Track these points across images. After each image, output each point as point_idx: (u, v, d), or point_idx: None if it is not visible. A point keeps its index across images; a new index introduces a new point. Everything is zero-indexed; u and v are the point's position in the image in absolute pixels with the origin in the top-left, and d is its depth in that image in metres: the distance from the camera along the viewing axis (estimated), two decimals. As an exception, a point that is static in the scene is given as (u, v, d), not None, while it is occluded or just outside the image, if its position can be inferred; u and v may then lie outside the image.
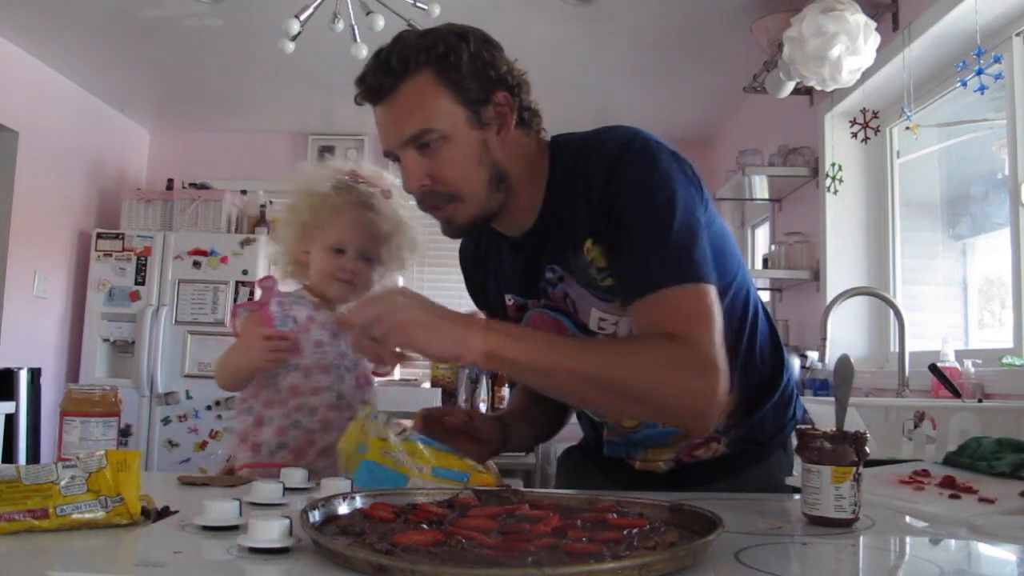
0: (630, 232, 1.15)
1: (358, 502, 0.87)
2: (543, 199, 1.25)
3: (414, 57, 1.17)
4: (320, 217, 1.50)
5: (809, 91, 3.34)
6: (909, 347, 2.51)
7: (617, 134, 1.21)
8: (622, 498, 0.91)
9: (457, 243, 1.50)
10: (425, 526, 0.78)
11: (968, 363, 2.27)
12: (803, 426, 1.01)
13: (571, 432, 1.65)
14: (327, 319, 1.50)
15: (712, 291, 1.13)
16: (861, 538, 0.90)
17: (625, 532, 0.75)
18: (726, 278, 1.25)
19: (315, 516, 0.80)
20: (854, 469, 0.92)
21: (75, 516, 0.83)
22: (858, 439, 0.93)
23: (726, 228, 1.31)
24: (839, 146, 3.20)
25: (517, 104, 1.23)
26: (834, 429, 0.96)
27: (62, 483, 0.84)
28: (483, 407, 4.48)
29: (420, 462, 1.11)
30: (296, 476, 1.12)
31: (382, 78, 1.19)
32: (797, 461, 0.98)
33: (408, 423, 1.23)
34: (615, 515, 0.84)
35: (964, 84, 2.20)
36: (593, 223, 1.18)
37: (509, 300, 1.35)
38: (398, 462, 1.10)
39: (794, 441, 1.02)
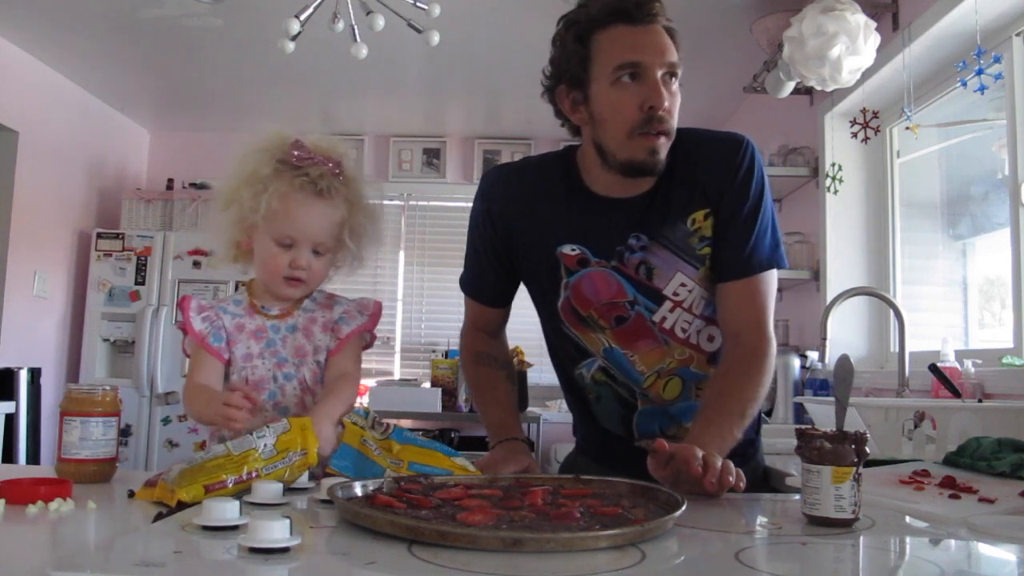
0: (741, 217, 1.36)
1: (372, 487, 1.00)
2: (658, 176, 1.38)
3: (666, 14, 1.33)
4: (262, 205, 1.31)
5: (809, 91, 3.34)
6: (909, 347, 2.51)
7: (734, 134, 1.44)
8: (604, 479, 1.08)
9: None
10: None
11: (968, 363, 2.27)
12: (803, 426, 1.01)
13: (570, 434, 1.65)
14: (261, 324, 1.38)
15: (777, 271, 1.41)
16: (861, 538, 0.90)
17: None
18: None
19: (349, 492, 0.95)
20: (854, 469, 0.92)
21: (274, 472, 1.04)
22: (858, 439, 0.93)
23: None
24: (839, 146, 3.20)
25: None
26: (834, 429, 0.96)
27: (261, 449, 1.05)
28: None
29: (396, 457, 1.16)
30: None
31: (657, 7, 1.32)
32: (797, 461, 0.98)
33: (391, 422, 1.25)
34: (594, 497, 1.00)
35: (964, 84, 2.20)
36: (706, 200, 1.37)
37: (572, 250, 1.40)
38: (375, 452, 1.16)
39: (794, 442, 1.02)
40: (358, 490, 0.97)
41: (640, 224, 1.37)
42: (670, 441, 1.37)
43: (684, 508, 0.89)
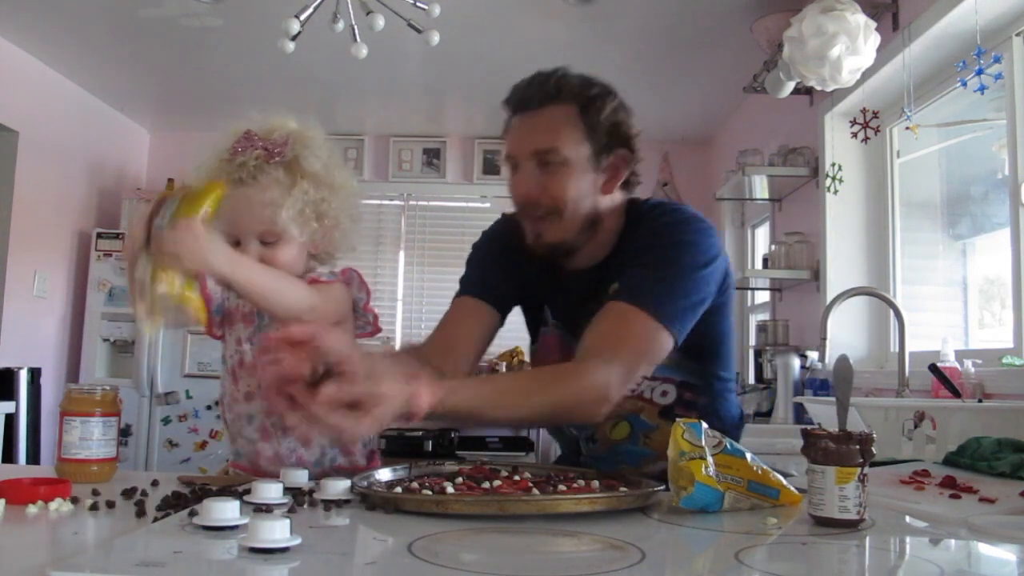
0: (657, 256, 1.30)
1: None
2: (613, 247, 1.39)
3: (568, 88, 1.33)
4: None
5: (809, 91, 3.34)
6: (909, 347, 2.51)
7: (691, 209, 1.39)
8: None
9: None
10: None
11: (968, 363, 2.27)
12: (809, 426, 1.01)
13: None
14: (252, 308, 1.34)
15: (668, 339, 1.27)
16: (861, 538, 0.89)
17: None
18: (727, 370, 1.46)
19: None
20: (859, 470, 0.92)
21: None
22: (864, 440, 0.93)
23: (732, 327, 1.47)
24: (839, 146, 3.20)
25: (630, 167, 1.38)
26: (839, 430, 0.96)
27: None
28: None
29: (736, 475, 1.00)
30: (296, 476, 1.12)
31: (535, 92, 1.34)
32: (797, 461, 0.98)
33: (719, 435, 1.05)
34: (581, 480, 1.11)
35: (964, 84, 2.20)
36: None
37: (547, 310, 1.48)
38: (717, 479, 0.99)
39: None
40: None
41: (596, 294, 1.35)
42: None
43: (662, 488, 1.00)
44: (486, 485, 1.03)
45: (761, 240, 4.40)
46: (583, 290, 1.38)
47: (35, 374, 3.99)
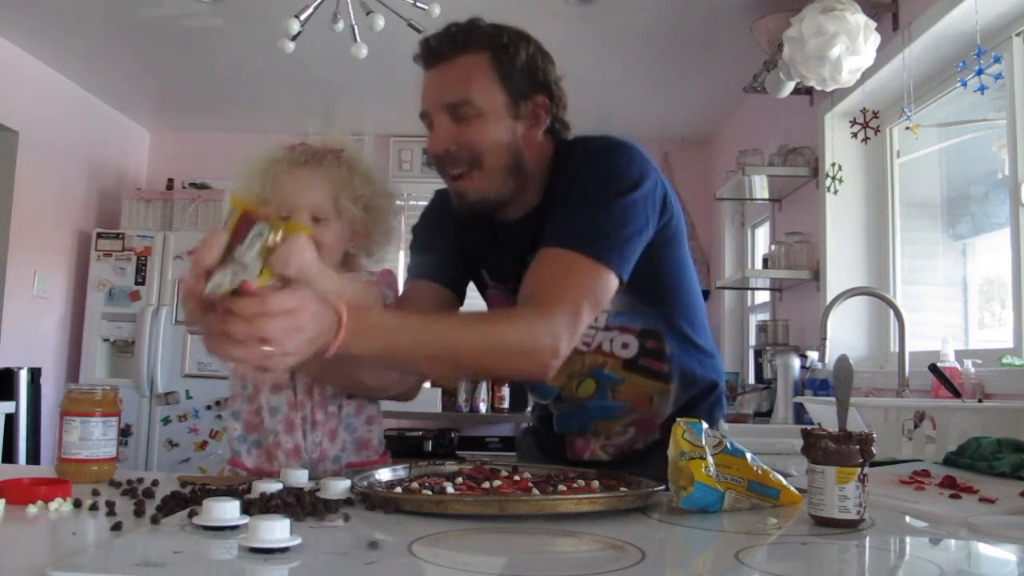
0: (579, 191, 1.26)
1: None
2: (543, 194, 1.35)
3: (478, 37, 1.32)
4: (263, 189, 1.35)
5: (809, 91, 3.34)
6: (909, 347, 2.51)
7: (611, 136, 1.32)
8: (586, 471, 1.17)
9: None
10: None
11: (968, 363, 2.27)
12: (809, 426, 1.01)
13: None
14: None
15: (610, 277, 1.23)
16: (861, 538, 0.90)
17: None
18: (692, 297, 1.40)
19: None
20: (859, 470, 0.92)
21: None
22: (864, 440, 0.93)
23: (690, 263, 1.43)
24: (839, 146, 3.20)
25: (552, 112, 1.34)
26: (838, 430, 0.96)
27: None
28: (483, 407, 4.48)
29: (736, 475, 1.00)
30: (296, 476, 1.12)
31: (444, 45, 1.32)
32: (797, 461, 0.98)
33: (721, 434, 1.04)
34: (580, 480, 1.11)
35: (964, 84, 2.20)
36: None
37: (485, 273, 1.44)
38: (717, 479, 0.98)
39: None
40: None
41: (532, 245, 1.29)
42: (589, 456, 1.40)
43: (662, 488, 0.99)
44: (486, 485, 1.03)
45: (761, 240, 4.40)
46: (518, 242, 1.33)
47: (35, 374, 3.99)
